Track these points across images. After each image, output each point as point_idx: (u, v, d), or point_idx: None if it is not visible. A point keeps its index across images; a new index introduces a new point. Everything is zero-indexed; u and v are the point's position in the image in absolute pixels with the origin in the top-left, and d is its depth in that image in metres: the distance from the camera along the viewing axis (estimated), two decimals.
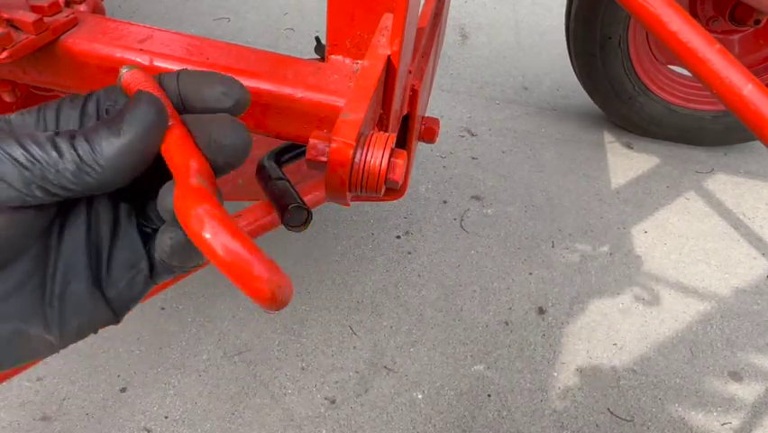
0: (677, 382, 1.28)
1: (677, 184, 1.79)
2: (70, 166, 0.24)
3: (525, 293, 1.42)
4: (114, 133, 0.25)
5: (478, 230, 1.57)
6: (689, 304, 1.45)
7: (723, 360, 1.33)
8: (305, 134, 0.59)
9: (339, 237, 1.48)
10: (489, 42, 2.34)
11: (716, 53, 0.71)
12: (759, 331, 1.40)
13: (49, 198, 0.25)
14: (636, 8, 0.74)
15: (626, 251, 1.56)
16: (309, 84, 0.58)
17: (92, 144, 0.25)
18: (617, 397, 1.24)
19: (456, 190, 1.67)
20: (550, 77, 2.18)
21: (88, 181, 0.25)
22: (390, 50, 0.56)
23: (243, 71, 0.59)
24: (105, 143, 0.25)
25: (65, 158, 0.24)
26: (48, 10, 0.58)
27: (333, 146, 0.40)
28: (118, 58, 0.59)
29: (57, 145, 0.24)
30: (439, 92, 2.04)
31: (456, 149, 1.82)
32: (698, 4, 1.63)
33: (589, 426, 1.19)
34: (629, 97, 1.77)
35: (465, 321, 1.35)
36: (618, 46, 1.64)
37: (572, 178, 1.76)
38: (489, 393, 1.23)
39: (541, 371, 1.27)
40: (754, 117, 0.70)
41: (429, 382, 1.23)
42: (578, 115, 2.01)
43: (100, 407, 1.12)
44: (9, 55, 0.54)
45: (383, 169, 0.40)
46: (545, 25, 2.46)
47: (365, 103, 0.46)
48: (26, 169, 0.24)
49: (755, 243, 1.63)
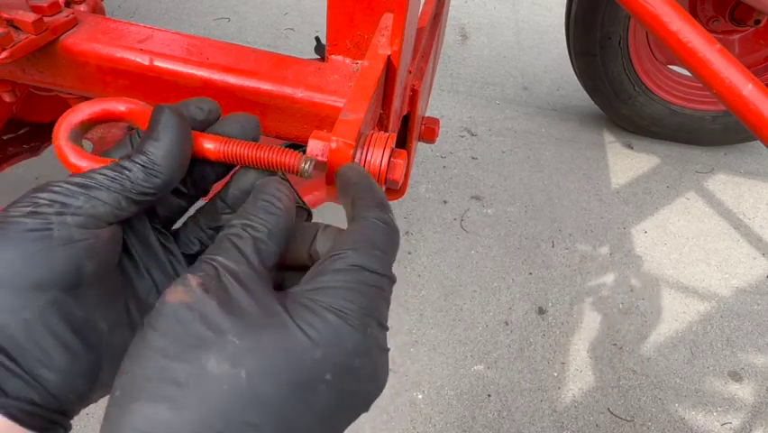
0: (677, 382, 1.28)
1: (677, 184, 1.79)
2: (139, 174, 0.31)
3: (525, 293, 1.42)
4: (155, 139, 0.32)
5: (478, 230, 1.57)
6: (689, 304, 1.45)
7: (723, 360, 1.33)
8: (305, 134, 0.59)
9: None
10: (489, 42, 2.34)
11: (716, 53, 0.71)
12: (759, 331, 1.40)
13: (134, 208, 0.31)
14: (636, 8, 0.74)
15: (626, 251, 1.56)
16: (309, 84, 0.58)
17: (145, 154, 0.32)
18: (617, 397, 1.25)
19: (456, 190, 1.67)
20: (550, 77, 2.18)
21: (156, 182, 0.32)
22: (390, 50, 0.56)
23: (243, 71, 0.59)
24: (153, 149, 0.32)
25: (132, 170, 0.31)
26: (48, 10, 0.58)
27: (333, 146, 0.40)
28: (118, 58, 0.59)
29: (123, 164, 0.32)
30: (439, 92, 2.04)
31: (456, 149, 1.82)
32: (698, 4, 1.63)
33: (589, 426, 1.19)
34: (629, 97, 1.77)
35: (465, 321, 1.35)
36: (618, 46, 1.64)
37: (572, 178, 1.76)
38: (489, 393, 1.23)
39: (541, 371, 1.27)
40: (754, 117, 0.70)
41: (429, 382, 1.23)
42: (578, 115, 2.01)
43: (100, 407, 1.11)
44: (9, 55, 0.54)
45: (383, 169, 0.40)
46: (545, 25, 2.46)
47: (365, 103, 0.46)
48: (110, 187, 0.31)
49: (755, 243, 1.63)
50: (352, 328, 0.27)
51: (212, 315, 0.27)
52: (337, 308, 0.28)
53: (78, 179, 0.30)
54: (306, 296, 0.28)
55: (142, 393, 0.25)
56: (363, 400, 0.28)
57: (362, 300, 0.28)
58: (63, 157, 0.35)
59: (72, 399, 0.29)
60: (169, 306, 0.27)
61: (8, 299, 0.27)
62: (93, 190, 0.30)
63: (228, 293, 0.28)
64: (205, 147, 0.35)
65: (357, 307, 0.28)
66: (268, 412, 0.25)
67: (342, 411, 0.27)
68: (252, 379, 0.25)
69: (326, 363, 0.26)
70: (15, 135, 1.03)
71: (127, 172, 0.31)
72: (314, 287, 0.29)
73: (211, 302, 0.27)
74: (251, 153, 0.36)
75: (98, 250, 0.30)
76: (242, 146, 0.36)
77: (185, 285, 0.28)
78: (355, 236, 0.31)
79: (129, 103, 0.36)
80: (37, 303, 0.28)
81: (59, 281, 0.28)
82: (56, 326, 0.28)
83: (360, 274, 0.29)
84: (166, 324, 0.27)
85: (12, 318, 0.27)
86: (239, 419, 0.24)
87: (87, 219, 0.29)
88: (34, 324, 0.28)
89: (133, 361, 0.27)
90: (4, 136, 1.02)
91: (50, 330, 0.28)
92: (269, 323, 0.27)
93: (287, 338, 0.26)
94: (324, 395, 0.26)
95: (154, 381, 0.25)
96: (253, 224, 0.31)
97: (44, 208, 0.29)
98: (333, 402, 0.27)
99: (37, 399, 0.28)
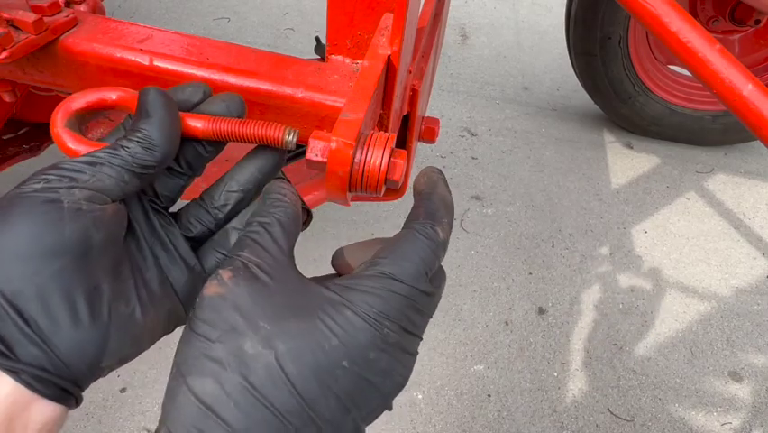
0: (677, 382, 1.28)
1: (677, 184, 1.79)
2: (138, 149, 0.34)
3: (525, 293, 1.42)
4: (147, 117, 0.35)
5: (478, 230, 1.57)
6: (689, 304, 1.45)
7: (723, 360, 1.33)
8: (305, 134, 0.59)
9: (339, 237, 1.48)
10: (489, 42, 2.34)
11: (716, 53, 0.71)
12: (759, 331, 1.40)
13: (137, 181, 0.34)
14: (636, 8, 0.74)
15: (626, 251, 1.56)
16: (309, 84, 0.58)
17: (140, 131, 0.34)
18: (617, 397, 1.25)
19: (456, 190, 1.67)
20: (550, 77, 2.18)
21: (155, 155, 0.34)
22: (390, 50, 0.56)
23: (243, 71, 0.59)
24: (146, 125, 0.35)
25: (131, 147, 0.34)
26: (48, 10, 0.58)
27: (333, 146, 0.40)
28: (118, 58, 0.59)
29: (121, 143, 0.34)
30: (439, 92, 2.04)
31: (456, 149, 1.82)
32: (698, 4, 1.63)
33: (589, 426, 1.19)
34: (629, 97, 1.77)
35: (465, 321, 1.35)
36: (618, 46, 1.64)
37: (572, 178, 1.76)
38: (489, 393, 1.23)
39: (541, 371, 1.27)
40: (754, 117, 0.70)
41: (429, 382, 1.23)
42: (578, 115, 2.01)
43: (100, 407, 1.12)
44: (9, 55, 0.54)
45: (383, 169, 0.40)
46: (545, 25, 2.46)
47: (365, 103, 0.46)
48: (113, 162, 0.33)
49: (755, 243, 1.63)
50: (367, 326, 0.30)
51: (243, 304, 0.30)
52: (357, 306, 0.31)
53: (85, 158, 0.33)
54: (333, 291, 0.32)
55: (192, 370, 0.29)
56: (381, 394, 0.32)
57: (384, 305, 0.31)
58: (61, 143, 0.37)
59: (83, 368, 0.30)
60: (207, 298, 0.31)
61: (21, 267, 0.29)
62: (98, 166, 0.33)
63: (256, 283, 0.31)
64: (193, 126, 0.37)
65: (376, 311, 0.31)
66: (293, 389, 0.28)
67: (359, 399, 0.30)
68: (281, 358, 0.29)
69: (342, 351, 0.30)
70: (15, 135, 1.03)
71: (127, 149, 0.34)
72: (344, 285, 0.32)
73: (242, 292, 0.31)
74: (237, 129, 0.38)
75: (105, 221, 0.32)
76: (229, 123, 0.38)
77: (218, 279, 0.32)
78: (394, 246, 0.34)
79: (121, 91, 0.39)
80: (48, 270, 0.29)
81: (69, 249, 0.30)
82: (66, 293, 0.30)
83: (387, 282, 0.32)
84: (205, 313, 0.31)
85: (25, 284, 0.29)
86: (270, 393, 0.28)
87: (95, 193, 0.32)
88: (46, 290, 0.29)
89: (184, 343, 0.31)
90: (4, 136, 1.02)
91: (61, 296, 0.29)
92: (294, 311, 0.30)
93: (308, 325, 0.30)
94: (343, 380, 0.29)
95: (201, 359, 0.29)
96: (267, 220, 0.35)
97: (54, 183, 0.31)
98: (352, 388, 0.30)
99: (48, 365, 0.29)
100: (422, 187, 0.38)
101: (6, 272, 0.29)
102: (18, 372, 0.28)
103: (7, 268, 0.29)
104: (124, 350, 0.33)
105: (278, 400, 0.28)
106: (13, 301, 0.28)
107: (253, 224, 0.35)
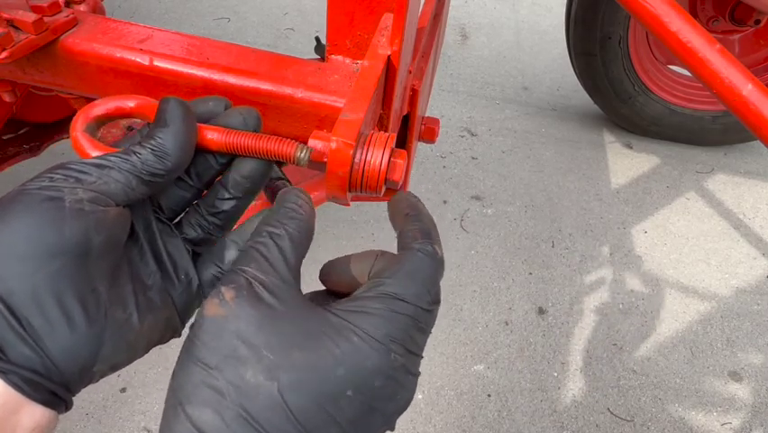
0: (677, 382, 1.28)
1: (677, 184, 1.79)
2: (150, 157, 0.34)
3: (525, 293, 1.42)
4: (163, 126, 0.35)
5: (478, 230, 1.57)
6: (689, 304, 1.45)
7: (723, 360, 1.33)
8: (305, 134, 0.59)
9: (339, 237, 1.48)
10: (489, 42, 2.34)
11: (716, 53, 0.71)
12: (759, 331, 1.40)
13: (144, 189, 0.34)
14: (636, 8, 0.74)
15: (626, 251, 1.56)
16: (309, 84, 0.58)
17: (155, 139, 0.34)
18: (617, 397, 1.25)
19: (456, 190, 1.67)
20: (550, 77, 2.18)
21: (166, 164, 0.34)
22: (390, 50, 0.56)
23: (243, 71, 0.59)
24: (161, 135, 0.34)
25: (143, 153, 0.34)
26: (48, 10, 0.58)
27: (333, 146, 0.40)
28: (118, 58, 0.59)
29: (134, 149, 0.34)
30: (439, 92, 2.04)
31: (456, 149, 1.82)
32: (698, 4, 1.63)
33: (589, 426, 1.19)
34: (629, 97, 1.77)
35: (465, 321, 1.35)
36: (618, 46, 1.64)
37: (572, 178, 1.76)
38: (489, 393, 1.23)
39: (541, 371, 1.27)
40: (754, 117, 0.70)
41: (429, 382, 1.23)
42: (578, 115, 2.01)
43: (100, 407, 1.12)
44: (9, 55, 0.54)
45: (383, 169, 0.40)
46: (545, 25, 2.47)
47: (365, 103, 0.46)
48: (122, 167, 0.33)
49: (755, 243, 1.63)
50: (374, 351, 0.29)
51: (246, 330, 0.29)
52: (364, 330, 0.30)
53: (94, 160, 0.33)
54: (339, 315, 0.31)
55: (191, 398, 0.28)
56: (384, 417, 0.30)
57: (389, 327, 0.30)
58: (79, 147, 0.37)
59: (74, 372, 0.30)
60: (208, 320, 0.30)
61: (17, 266, 0.28)
62: (107, 169, 0.33)
63: (260, 306, 0.30)
64: (209, 137, 0.37)
65: (383, 333, 0.30)
66: (295, 421, 0.28)
67: (362, 425, 0.29)
68: (284, 390, 0.28)
69: (348, 381, 0.29)
70: (15, 135, 1.03)
71: (138, 155, 0.34)
72: (347, 309, 0.31)
73: (245, 317, 0.29)
74: (250, 143, 0.37)
75: (107, 224, 0.31)
76: (243, 136, 0.37)
77: (219, 298, 0.30)
78: (396, 266, 0.33)
79: (138, 99, 0.39)
80: (46, 270, 0.29)
81: (69, 249, 0.29)
82: (62, 294, 0.29)
83: (391, 303, 0.31)
84: (205, 336, 0.29)
85: (20, 284, 0.28)
86: (271, 425, 0.27)
87: (99, 195, 0.31)
88: (41, 291, 0.29)
89: (182, 367, 0.29)
90: (4, 136, 1.02)
91: (57, 298, 0.29)
92: (299, 339, 0.29)
93: (314, 355, 0.29)
94: (347, 409, 0.29)
95: (200, 387, 0.28)
96: (277, 231, 0.33)
97: (59, 182, 0.31)
98: (355, 416, 0.29)
99: (40, 367, 0.28)
100: (406, 210, 0.37)
101: (1, 271, 0.28)
102: (7, 372, 0.27)
103: (3, 266, 0.28)
104: (118, 356, 0.32)
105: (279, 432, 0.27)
106: (6, 301, 0.28)
107: (262, 234, 0.33)
